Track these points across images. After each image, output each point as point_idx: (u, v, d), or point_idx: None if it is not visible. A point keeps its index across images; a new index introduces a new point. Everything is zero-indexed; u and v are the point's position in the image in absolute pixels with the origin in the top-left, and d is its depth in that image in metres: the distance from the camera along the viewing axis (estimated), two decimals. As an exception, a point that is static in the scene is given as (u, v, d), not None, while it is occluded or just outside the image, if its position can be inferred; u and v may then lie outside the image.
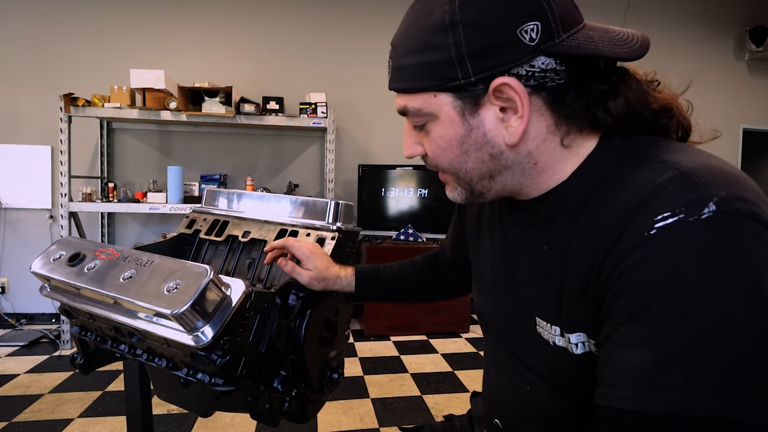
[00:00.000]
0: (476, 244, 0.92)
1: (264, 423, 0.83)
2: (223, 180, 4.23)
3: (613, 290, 0.56)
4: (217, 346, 0.74)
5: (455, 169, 0.71)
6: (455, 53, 0.62)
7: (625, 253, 0.55)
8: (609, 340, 0.56)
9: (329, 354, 0.98)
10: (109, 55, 4.07)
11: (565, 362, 0.67)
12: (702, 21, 4.99)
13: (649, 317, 0.51)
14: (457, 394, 2.93)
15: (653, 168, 0.59)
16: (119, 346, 0.93)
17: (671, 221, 0.52)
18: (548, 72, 0.63)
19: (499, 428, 0.85)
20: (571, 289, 0.64)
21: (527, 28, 0.60)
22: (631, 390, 0.51)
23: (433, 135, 0.70)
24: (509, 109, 0.65)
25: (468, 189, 0.73)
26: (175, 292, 0.72)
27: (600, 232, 0.60)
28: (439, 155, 0.71)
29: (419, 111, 0.68)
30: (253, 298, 0.79)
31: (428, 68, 0.65)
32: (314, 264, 0.98)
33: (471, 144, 0.67)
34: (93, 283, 0.82)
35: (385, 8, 4.49)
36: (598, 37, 0.63)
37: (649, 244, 0.52)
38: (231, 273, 1.16)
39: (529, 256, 0.74)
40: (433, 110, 0.67)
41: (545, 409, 0.74)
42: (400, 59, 0.69)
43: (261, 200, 1.21)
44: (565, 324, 0.66)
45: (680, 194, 0.53)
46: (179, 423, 2.47)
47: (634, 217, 0.55)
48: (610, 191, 0.62)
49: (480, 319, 0.92)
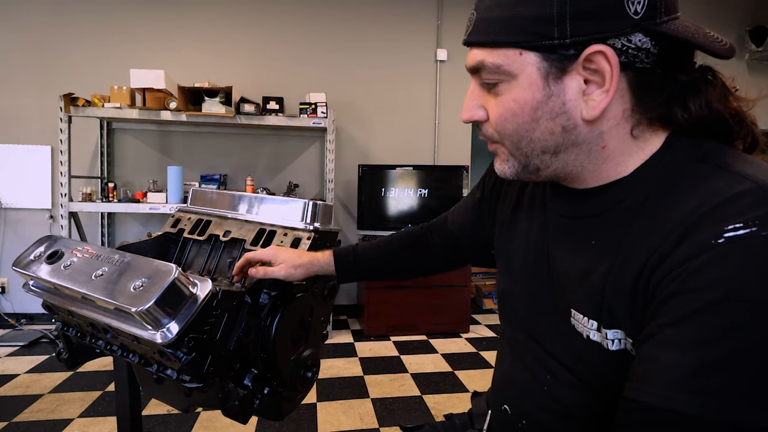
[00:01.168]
0: (509, 229, 0.89)
1: (234, 419, 0.83)
2: (223, 180, 4.24)
3: (666, 291, 0.55)
4: (182, 343, 0.74)
5: (519, 137, 0.66)
6: (558, 10, 0.58)
7: (687, 257, 0.53)
8: (650, 339, 0.56)
9: (303, 353, 0.98)
10: (109, 55, 4.09)
11: (598, 357, 0.66)
12: (702, 21, 4.78)
13: (700, 322, 0.51)
14: (457, 394, 2.93)
15: (727, 177, 0.57)
16: (97, 342, 0.95)
17: (742, 233, 0.50)
18: (641, 51, 0.60)
19: (508, 414, 0.84)
20: (617, 286, 0.63)
21: (636, 0, 0.58)
22: (666, 388, 0.51)
23: (504, 97, 0.65)
24: (592, 83, 0.62)
25: (523, 163, 0.69)
26: (141, 290, 0.73)
27: (661, 233, 0.58)
28: (507, 120, 0.66)
29: (498, 68, 0.63)
30: (220, 297, 0.79)
31: (521, 22, 0.60)
32: (282, 257, 0.98)
33: (546, 112, 0.63)
34: (66, 280, 0.84)
35: (385, 8, 4.49)
36: (693, 29, 0.62)
37: (715, 252, 0.51)
38: (212, 271, 1.17)
39: (573, 248, 0.72)
40: (514, 69, 0.62)
41: (566, 400, 0.73)
42: (487, 11, 0.63)
43: (243, 200, 1.22)
44: (603, 319, 0.65)
45: (756, 207, 0.52)
46: (179, 423, 2.47)
47: (702, 223, 0.54)
48: (677, 194, 0.60)
49: (502, 305, 0.90)
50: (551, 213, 0.78)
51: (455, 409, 2.66)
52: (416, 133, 4.63)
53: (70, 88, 3.74)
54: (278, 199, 1.16)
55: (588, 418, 0.71)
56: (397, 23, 4.51)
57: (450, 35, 4.59)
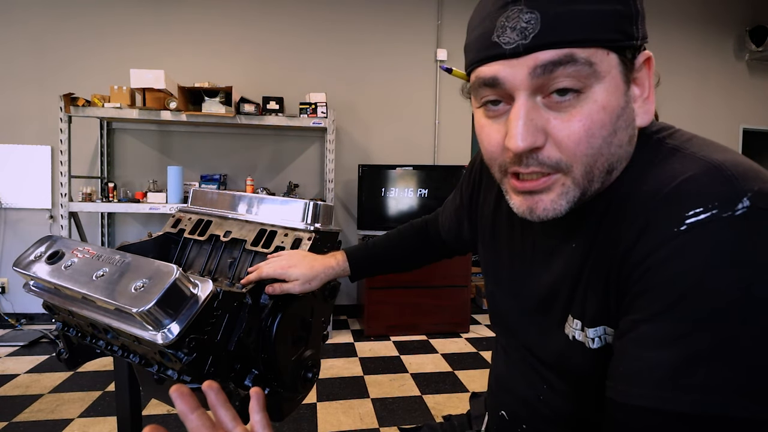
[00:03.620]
0: (491, 238, 0.88)
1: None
2: (223, 180, 4.24)
3: (637, 286, 0.54)
4: (183, 343, 0.74)
5: (598, 154, 0.57)
6: (635, 9, 0.55)
7: (651, 249, 0.52)
8: (625, 336, 0.55)
9: (304, 353, 0.98)
10: (109, 55, 4.09)
11: (582, 357, 0.65)
12: (702, 21, 4.96)
13: (675, 317, 0.50)
14: (457, 394, 2.93)
15: (681, 159, 0.56)
16: (97, 342, 0.95)
17: (703, 217, 0.49)
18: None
19: (505, 420, 0.84)
20: (593, 283, 0.62)
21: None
22: (652, 388, 0.51)
23: (588, 108, 0.54)
24: (638, 86, 0.59)
25: (583, 190, 0.59)
26: (142, 290, 0.73)
27: (624, 224, 0.57)
28: (593, 135, 0.55)
29: (591, 65, 0.54)
30: (221, 298, 0.79)
31: (610, 18, 0.54)
32: (295, 274, 0.97)
33: (623, 121, 0.57)
34: (67, 281, 0.84)
35: (385, 8, 4.49)
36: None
37: (679, 241, 0.50)
38: (213, 272, 1.16)
39: (558, 252, 0.71)
40: (602, 70, 0.54)
41: (561, 408, 0.73)
42: (563, 5, 0.53)
43: (244, 201, 1.22)
44: (586, 318, 0.64)
45: (712, 188, 0.50)
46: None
47: (661, 210, 0.53)
48: (636, 180, 0.59)
49: (493, 315, 0.90)
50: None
51: (455, 409, 2.67)
52: (416, 133, 4.63)
53: (70, 88, 3.75)
54: (279, 199, 1.16)
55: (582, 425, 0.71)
56: (397, 23, 4.51)
57: (450, 35, 4.59)
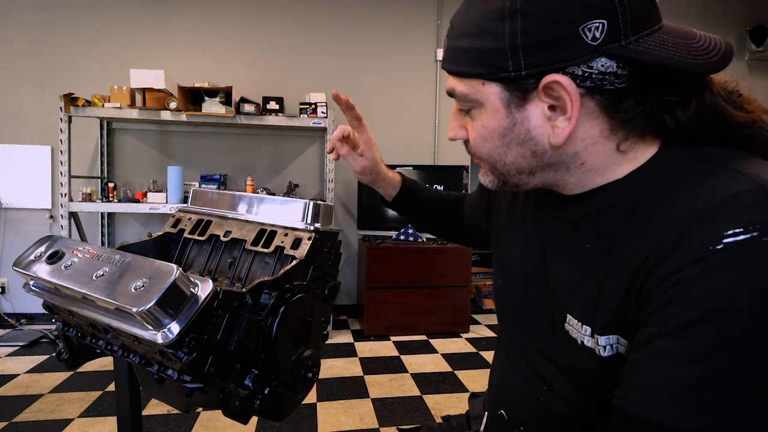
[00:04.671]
0: (505, 231, 0.89)
1: (235, 420, 0.83)
2: (223, 180, 4.25)
3: (661, 299, 0.53)
4: (183, 343, 0.74)
5: (493, 159, 0.69)
6: (509, 44, 0.58)
7: (682, 265, 0.51)
8: (642, 349, 0.54)
9: (304, 353, 0.98)
10: (109, 55, 4.09)
11: (591, 363, 0.65)
12: (702, 21, 4.94)
13: (699, 334, 0.49)
14: (457, 394, 2.93)
15: (725, 176, 0.54)
16: (97, 342, 0.95)
17: (742, 239, 0.48)
18: (607, 75, 0.58)
19: (504, 419, 0.84)
20: (611, 291, 0.61)
21: (591, 26, 0.55)
22: (661, 402, 0.50)
23: (476, 123, 0.68)
24: (558, 108, 0.61)
25: (502, 180, 0.71)
26: (142, 290, 0.73)
27: (654, 236, 0.56)
28: (480, 144, 0.69)
29: (466, 96, 0.66)
30: (221, 297, 0.79)
31: (480, 55, 0.62)
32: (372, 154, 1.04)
33: (513, 138, 0.65)
34: (67, 281, 0.84)
35: (385, 8, 4.49)
36: (672, 43, 0.58)
37: (713, 260, 0.49)
38: (213, 272, 1.16)
39: (569, 252, 0.71)
40: (479, 98, 0.65)
41: (562, 411, 0.73)
42: (455, 40, 0.65)
43: (244, 200, 1.22)
44: (597, 325, 0.63)
45: (756, 210, 0.49)
46: (179, 423, 2.48)
47: (698, 226, 0.51)
48: (671, 193, 0.57)
49: (499, 309, 0.90)
50: (547, 215, 0.77)
51: (455, 410, 2.67)
52: (416, 133, 4.63)
53: (70, 88, 3.75)
54: (279, 199, 1.15)
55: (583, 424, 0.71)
56: (397, 23, 4.51)
57: (450, 35, 4.58)
